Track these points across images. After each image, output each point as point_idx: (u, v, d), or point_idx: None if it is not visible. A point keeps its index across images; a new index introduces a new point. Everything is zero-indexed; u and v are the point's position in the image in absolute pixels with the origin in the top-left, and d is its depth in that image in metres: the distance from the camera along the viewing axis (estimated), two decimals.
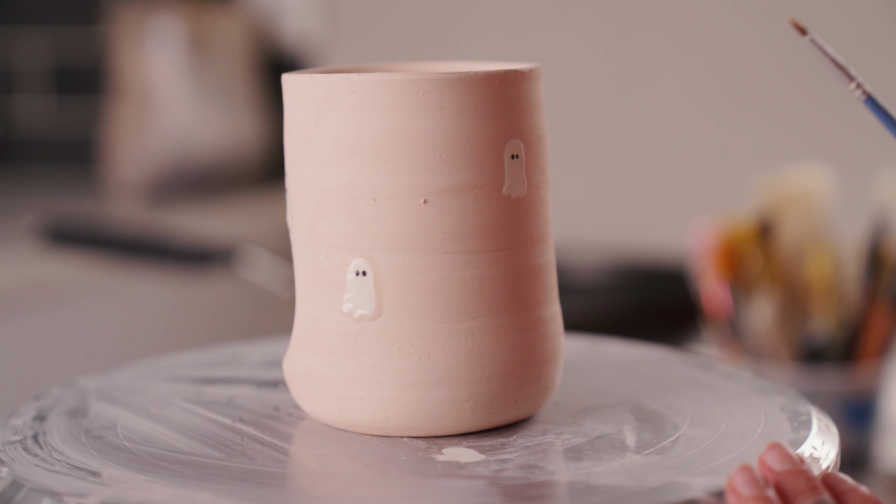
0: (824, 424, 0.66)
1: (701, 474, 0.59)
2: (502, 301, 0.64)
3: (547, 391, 0.67)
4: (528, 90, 0.65)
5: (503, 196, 0.64)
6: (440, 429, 0.65)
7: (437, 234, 0.63)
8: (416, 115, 0.62)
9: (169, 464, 0.61)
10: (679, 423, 0.66)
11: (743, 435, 0.64)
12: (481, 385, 0.64)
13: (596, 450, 0.63)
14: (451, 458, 0.62)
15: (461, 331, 0.64)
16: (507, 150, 0.64)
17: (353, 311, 0.64)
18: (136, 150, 2.20)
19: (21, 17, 2.41)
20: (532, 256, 0.66)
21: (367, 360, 0.64)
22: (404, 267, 0.63)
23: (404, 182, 0.63)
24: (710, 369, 0.75)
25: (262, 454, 0.63)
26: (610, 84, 1.94)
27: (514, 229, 0.65)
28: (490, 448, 0.63)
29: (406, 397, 0.64)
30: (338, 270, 0.64)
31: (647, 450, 0.62)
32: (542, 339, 0.66)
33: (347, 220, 0.64)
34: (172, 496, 0.57)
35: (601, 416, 0.68)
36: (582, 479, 0.59)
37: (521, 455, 0.62)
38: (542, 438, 0.64)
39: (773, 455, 0.57)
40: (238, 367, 0.78)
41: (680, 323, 1.45)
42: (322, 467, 0.62)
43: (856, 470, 1.18)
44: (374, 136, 0.63)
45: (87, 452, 0.63)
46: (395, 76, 0.62)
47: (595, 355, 0.79)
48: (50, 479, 0.59)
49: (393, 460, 0.62)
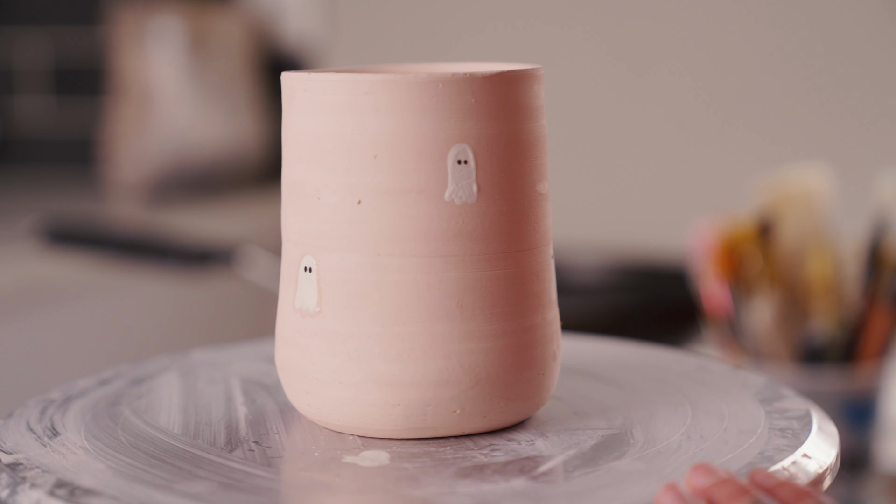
0: (824, 424, 0.66)
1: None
2: (440, 309, 0.63)
3: (499, 405, 0.64)
4: (482, 95, 0.62)
5: (445, 202, 0.62)
6: (378, 431, 0.64)
7: (370, 235, 0.63)
8: (354, 116, 0.62)
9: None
10: (679, 424, 0.66)
11: (743, 435, 0.64)
12: (411, 391, 0.63)
13: (587, 459, 0.62)
14: (355, 460, 0.62)
15: (392, 335, 0.63)
16: (451, 154, 0.62)
17: (301, 306, 0.65)
18: (136, 150, 2.20)
19: (21, 17, 2.41)
20: (482, 267, 0.63)
21: (309, 356, 0.65)
22: (342, 266, 0.63)
23: (341, 182, 0.63)
24: (710, 369, 0.75)
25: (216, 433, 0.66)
26: (610, 84, 1.94)
27: (458, 237, 0.63)
28: (412, 456, 0.62)
29: (341, 396, 0.64)
30: (293, 265, 0.65)
31: (646, 451, 0.62)
32: (486, 352, 0.63)
33: (299, 218, 0.65)
34: (77, 463, 0.61)
35: (600, 416, 0.68)
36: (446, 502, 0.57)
37: (427, 465, 0.61)
38: (473, 452, 0.63)
39: (699, 474, 0.56)
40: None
41: (680, 323, 1.45)
42: (244, 451, 0.63)
43: (856, 470, 1.18)
44: (318, 136, 0.63)
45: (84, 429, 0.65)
46: (336, 77, 0.63)
47: (595, 355, 0.79)
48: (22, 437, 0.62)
49: (308, 455, 0.62)
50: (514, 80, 0.64)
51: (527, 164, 0.65)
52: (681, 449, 0.62)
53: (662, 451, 0.62)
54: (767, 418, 0.66)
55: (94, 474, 0.59)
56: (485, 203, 0.63)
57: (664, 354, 0.79)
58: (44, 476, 0.59)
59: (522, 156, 0.64)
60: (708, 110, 1.89)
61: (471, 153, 0.62)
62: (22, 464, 0.61)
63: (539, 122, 0.66)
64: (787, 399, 0.69)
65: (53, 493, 0.57)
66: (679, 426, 0.65)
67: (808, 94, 1.84)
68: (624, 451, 0.62)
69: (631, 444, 0.63)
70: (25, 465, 0.61)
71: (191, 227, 1.83)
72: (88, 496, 0.57)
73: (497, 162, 0.63)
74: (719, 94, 1.89)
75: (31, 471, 0.60)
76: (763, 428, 0.65)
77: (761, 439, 0.63)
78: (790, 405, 0.68)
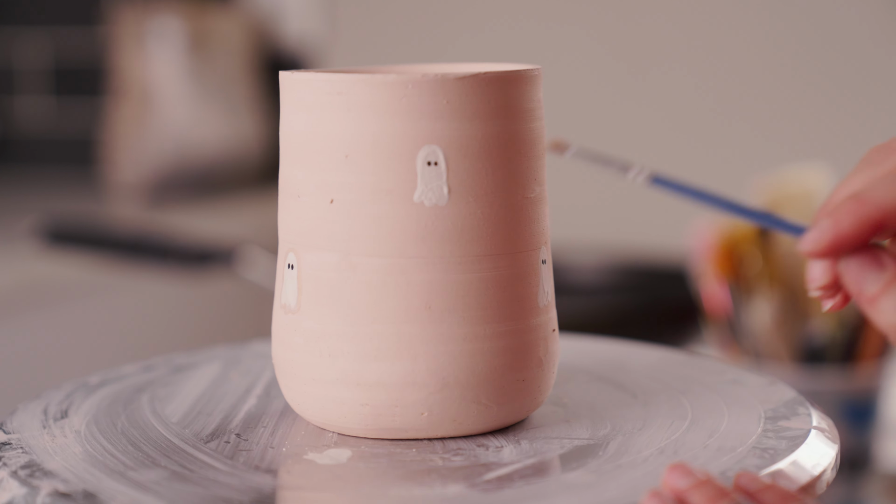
0: (824, 425, 0.66)
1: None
2: (409, 310, 0.62)
3: (471, 409, 0.64)
4: (455, 97, 0.62)
5: (415, 203, 0.62)
6: (350, 429, 0.64)
7: (342, 234, 0.63)
8: (327, 115, 0.63)
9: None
10: (679, 424, 0.66)
11: (744, 436, 0.64)
12: (379, 392, 0.63)
13: (539, 469, 0.62)
14: (315, 457, 0.62)
15: (362, 334, 0.63)
16: (421, 156, 0.62)
17: (285, 302, 0.65)
18: (136, 150, 2.20)
19: (21, 17, 2.41)
20: (454, 269, 0.63)
21: (289, 352, 0.65)
22: (318, 264, 0.64)
23: (316, 181, 0.63)
24: (710, 369, 0.75)
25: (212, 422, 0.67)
26: (610, 84, 1.94)
27: (427, 239, 0.62)
28: (373, 456, 0.62)
29: (317, 393, 0.64)
30: (282, 262, 0.66)
31: (608, 465, 0.61)
32: (455, 356, 0.63)
33: (286, 215, 0.66)
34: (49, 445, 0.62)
35: (589, 425, 0.67)
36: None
37: (380, 466, 0.61)
38: (435, 456, 0.62)
39: (676, 475, 0.56)
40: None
41: (680, 323, 1.45)
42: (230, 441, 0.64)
43: (856, 470, 1.18)
44: (299, 135, 0.64)
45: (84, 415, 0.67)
46: (313, 76, 0.63)
47: (594, 356, 0.79)
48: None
49: (275, 450, 0.63)
50: (493, 82, 0.63)
51: (509, 168, 0.63)
52: (645, 463, 0.61)
53: (623, 465, 0.61)
54: (768, 419, 0.66)
55: (66, 458, 0.61)
56: (456, 205, 0.62)
57: (664, 354, 0.79)
58: (20, 457, 0.61)
59: (503, 159, 0.63)
60: (708, 110, 1.89)
61: (441, 155, 0.62)
62: (11, 444, 0.63)
63: (527, 125, 0.64)
64: (787, 399, 0.69)
65: (16, 473, 0.59)
66: (662, 440, 0.64)
67: (808, 94, 1.84)
68: (584, 463, 0.61)
69: (598, 455, 0.62)
70: (13, 444, 0.62)
71: (191, 227, 1.83)
72: (43, 478, 0.58)
73: (471, 164, 0.62)
74: (719, 94, 1.89)
75: (14, 451, 0.62)
76: (763, 428, 0.64)
77: (761, 440, 0.63)
78: (790, 405, 0.68)
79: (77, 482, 0.58)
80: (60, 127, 2.43)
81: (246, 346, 0.81)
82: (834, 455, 0.63)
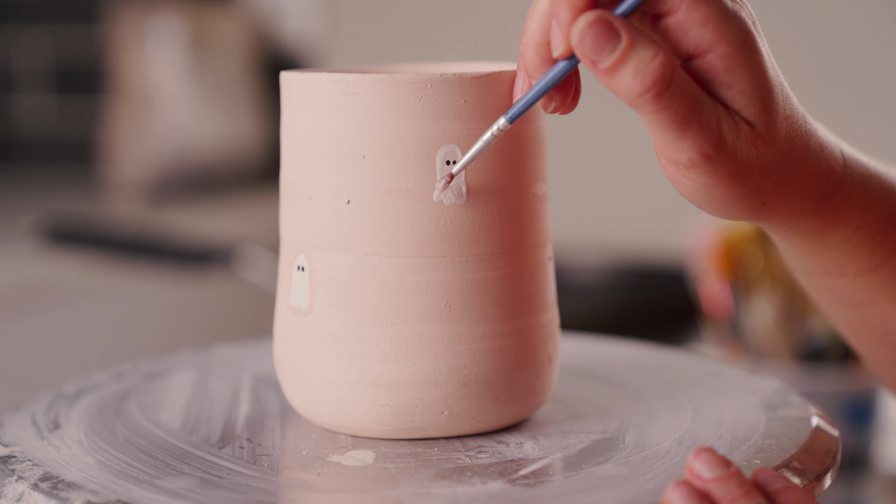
0: (824, 424, 0.66)
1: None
2: (428, 309, 0.62)
3: (490, 407, 0.64)
4: (472, 96, 0.62)
5: (434, 203, 0.62)
6: (367, 430, 0.64)
7: (359, 235, 0.62)
8: (343, 115, 0.62)
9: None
10: (675, 429, 0.66)
11: (744, 436, 0.64)
12: (399, 392, 0.63)
13: (571, 463, 0.62)
14: (340, 459, 0.62)
15: (381, 335, 0.63)
16: (440, 155, 0.62)
17: (294, 304, 0.65)
18: (136, 150, 2.20)
19: (21, 17, 2.41)
20: (472, 268, 0.63)
21: (301, 355, 0.65)
22: (332, 265, 0.63)
23: (331, 182, 0.63)
24: (710, 369, 0.75)
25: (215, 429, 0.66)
26: None
27: (446, 238, 0.62)
28: (398, 456, 0.62)
29: (331, 395, 0.64)
30: (289, 264, 0.66)
31: (633, 456, 0.62)
32: (475, 354, 0.63)
33: (294, 217, 0.65)
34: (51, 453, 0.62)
35: (597, 419, 0.67)
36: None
37: (409, 466, 0.61)
38: (459, 453, 0.62)
39: (701, 462, 0.54)
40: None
41: (680, 323, 1.45)
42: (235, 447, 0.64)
43: (856, 470, 1.18)
44: (310, 135, 0.63)
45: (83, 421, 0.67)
46: (327, 76, 0.63)
47: (595, 355, 0.79)
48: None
49: (295, 453, 0.63)
50: (507, 81, 0.63)
51: (520, 166, 0.64)
52: (668, 454, 0.61)
53: (649, 457, 0.61)
54: (768, 419, 0.66)
55: (82, 468, 0.60)
56: (475, 204, 0.63)
57: (664, 354, 0.79)
58: (32, 469, 0.60)
59: (516, 157, 0.64)
60: None
61: (460, 154, 0.62)
62: (15, 456, 0.61)
63: (535, 123, 0.65)
64: (787, 399, 0.69)
65: (37, 486, 0.58)
66: (675, 431, 0.65)
67: (807, 94, 1.84)
68: (610, 456, 0.62)
69: (620, 448, 0.63)
70: (18, 457, 0.61)
71: (190, 227, 1.83)
72: (69, 490, 0.57)
73: (488, 163, 0.63)
74: None
75: (23, 464, 0.60)
76: (763, 428, 0.65)
77: (761, 440, 0.63)
78: (790, 405, 0.68)
79: (107, 493, 0.57)
80: (60, 127, 2.44)
81: (210, 351, 0.80)
82: (837, 437, 0.64)
